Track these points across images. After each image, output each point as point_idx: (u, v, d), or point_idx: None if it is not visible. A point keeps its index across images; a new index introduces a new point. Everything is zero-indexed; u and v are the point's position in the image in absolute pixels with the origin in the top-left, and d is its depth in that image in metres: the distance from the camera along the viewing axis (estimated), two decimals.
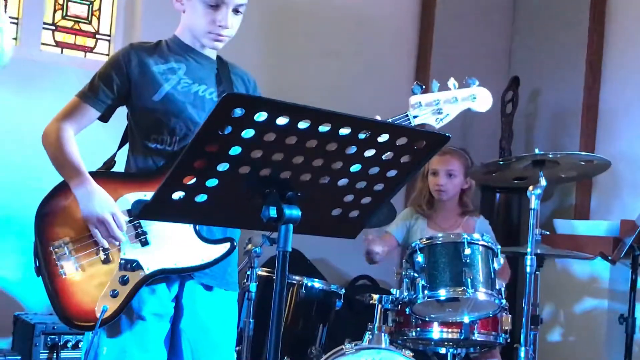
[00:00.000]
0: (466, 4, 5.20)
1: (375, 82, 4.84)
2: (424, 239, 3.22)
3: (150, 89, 2.32)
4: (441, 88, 2.43)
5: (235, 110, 1.47)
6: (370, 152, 1.64)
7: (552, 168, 3.20)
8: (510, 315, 3.28)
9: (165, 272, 2.25)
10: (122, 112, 2.41)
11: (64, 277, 2.21)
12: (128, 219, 2.24)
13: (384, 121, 2.19)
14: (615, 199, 4.53)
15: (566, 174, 3.41)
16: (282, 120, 1.51)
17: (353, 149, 1.62)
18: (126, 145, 2.42)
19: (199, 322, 2.34)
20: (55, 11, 4.26)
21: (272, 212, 1.61)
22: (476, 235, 3.18)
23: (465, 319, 3.15)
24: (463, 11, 5.17)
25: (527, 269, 3.06)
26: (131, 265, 2.22)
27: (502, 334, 3.26)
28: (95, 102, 2.34)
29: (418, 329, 3.22)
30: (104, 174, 2.35)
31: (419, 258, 3.13)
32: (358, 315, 3.86)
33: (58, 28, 4.27)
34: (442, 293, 3.08)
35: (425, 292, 3.09)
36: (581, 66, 4.72)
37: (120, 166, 2.42)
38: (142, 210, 1.71)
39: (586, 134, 4.66)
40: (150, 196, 1.64)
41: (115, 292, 2.20)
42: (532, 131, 5.14)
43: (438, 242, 3.16)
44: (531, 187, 3.06)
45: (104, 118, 2.39)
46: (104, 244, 2.21)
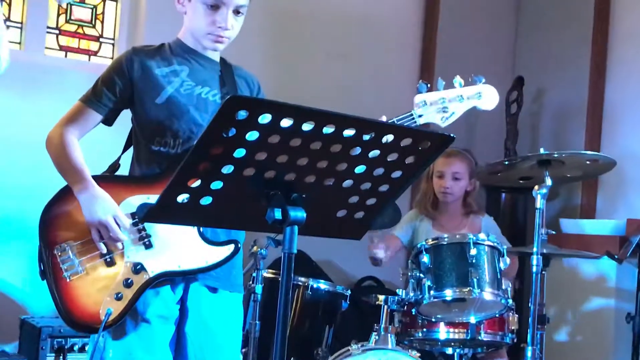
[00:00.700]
0: (470, 4, 5.20)
1: (379, 83, 4.84)
2: (430, 239, 3.22)
3: (153, 92, 2.31)
4: (446, 86, 2.40)
5: (240, 112, 1.47)
6: (374, 153, 1.64)
7: (557, 168, 3.18)
8: (517, 315, 3.28)
9: (169, 275, 2.25)
10: (127, 115, 2.41)
11: (68, 280, 2.21)
12: (132, 221, 2.24)
13: (388, 122, 2.18)
14: (621, 198, 4.52)
15: (572, 174, 3.40)
16: (286, 122, 1.51)
17: (357, 150, 1.62)
18: (131, 149, 2.42)
19: (204, 324, 2.33)
20: (59, 15, 4.26)
21: (277, 214, 1.60)
22: (482, 236, 3.19)
23: (472, 319, 3.15)
24: (467, 11, 5.17)
25: (534, 269, 3.05)
26: (135, 267, 2.22)
27: (508, 333, 3.25)
28: (99, 106, 2.34)
29: (424, 329, 3.21)
30: (108, 177, 2.36)
31: (425, 259, 3.14)
32: (364, 316, 3.86)
33: (62, 32, 4.27)
34: (448, 293, 3.09)
35: (432, 292, 3.09)
36: (586, 65, 4.71)
37: (124, 169, 2.42)
38: (147, 214, 1.71)
39: (591, 132, 4.65)
40: (154, 199, 1.64)
41: (119, 295, 2.20)
42: (537, 131, 5.13)
43: (444, 243, 3.17)
44: (537, 187, 3.05)
45: (108, 122, 2.39)
46: (103, 248, 2.22)
